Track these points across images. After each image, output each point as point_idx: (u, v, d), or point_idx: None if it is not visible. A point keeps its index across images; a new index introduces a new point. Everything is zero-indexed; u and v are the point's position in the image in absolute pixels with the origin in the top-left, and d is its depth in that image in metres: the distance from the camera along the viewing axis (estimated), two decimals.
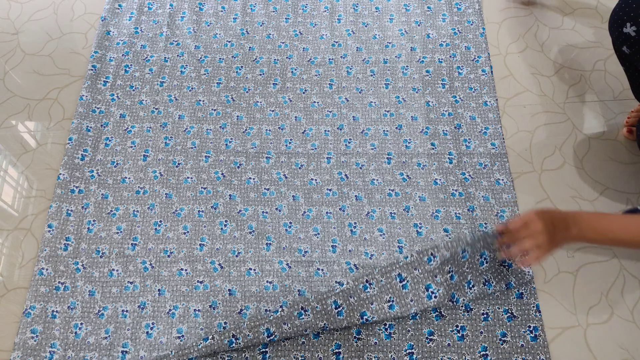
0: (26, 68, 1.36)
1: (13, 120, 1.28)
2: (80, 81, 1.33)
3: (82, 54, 1.38)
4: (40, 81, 1.34)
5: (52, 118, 1.28)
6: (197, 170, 1.20)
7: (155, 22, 1.41)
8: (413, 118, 1.26)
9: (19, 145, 1.25)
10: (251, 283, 1.07)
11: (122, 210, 1.15)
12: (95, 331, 1.02)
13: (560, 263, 1.09)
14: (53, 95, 1.31)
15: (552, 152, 1.22)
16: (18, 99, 1.31)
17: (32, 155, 1.23)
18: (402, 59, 1.35)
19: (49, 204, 1.15)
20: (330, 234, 1.12)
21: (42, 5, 1.47)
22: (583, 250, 1.10)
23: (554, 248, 0.83)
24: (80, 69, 1.35)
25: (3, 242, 1.13)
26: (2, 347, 1.02)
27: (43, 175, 1.20)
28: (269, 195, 1.17)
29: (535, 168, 1.20)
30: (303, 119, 1.27)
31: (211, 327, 1.02)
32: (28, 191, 1.19)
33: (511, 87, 1.31)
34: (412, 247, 1.10)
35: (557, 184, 1.18)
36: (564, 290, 1.06)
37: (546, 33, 1.40)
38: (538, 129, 1.25)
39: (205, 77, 1.33)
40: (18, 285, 1.08)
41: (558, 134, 1.25)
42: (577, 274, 1.08)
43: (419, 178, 1.18)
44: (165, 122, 1.26)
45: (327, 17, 1.42)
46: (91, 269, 1.08)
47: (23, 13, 1.46)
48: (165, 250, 1.10)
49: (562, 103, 1.28)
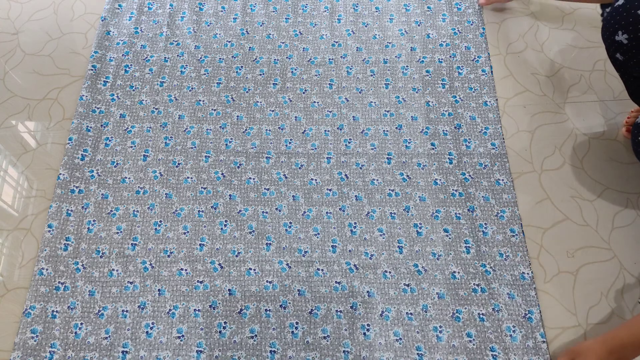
0: (26, 68, 1.36)
1: (13, 120, 1.28)
2: (80, 81, 1.33)
3: (82, 54, 1.38)
4: (40, 81, 1.34)
5: (52, 118, 1.28)
6: (197, 170, 1.20)
7: (155, 22, 1.41)
8: (413, 118, 1.26)
9: (19, 145, 1.25)
10: (251, 283, 1.07)
11: (122, 210, 1.14)
12: (95, 331, 1.02)
13: (560, 263, 1.09)
14: (53, 95, 1.31)
15: (552, 152, 1.22)
16: (18, 99, 1.31)
17: (32, 155, 1.23)
18: (402, 59, 1.35)
19: (49, 204, 1.15)
20: (330, 234, 1.12)
21: (42, 5, 1.47)
22: (583, 250, 1.10)
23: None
24: (80, 69, 1.35)
25: (3, 242, 1.13)
26: (2, 347, 1.02)
27: (43, 175, 1.20)
28: (269, 195, 1.17)
29: (535, 168, 1.20)
30: (303, 119, 1.27)
31: (211, 327, 1.02)
32: (28, 191, 1.19)
33: (511, 87, 1.31)
34: (412, 247, 1.10)
35: (557, 184, 1.18)
36: (564, 290, 1.06)
37: (546, 33, 1.40)
38: (538, 129, 1.25)
39: (205, 77, 1.33)
40: (18, 285, 1.08)
41: (558, 134, 1.25)
42: (577, 274, 1.08)
43: (419, 178, 1.18)
44: (165, 122, 1.26)
45: (327, 17, 1.42)
46: (91, 269, 1.08)
47: (23, 13, 1.46)
48: (165, 250, 1.10)
49: (562, 103, 1.28)
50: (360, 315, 1.04)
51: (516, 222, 1.12)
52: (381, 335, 1.02)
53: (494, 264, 1.08)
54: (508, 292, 1.05)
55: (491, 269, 1.08)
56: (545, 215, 1.14)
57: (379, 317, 1.03)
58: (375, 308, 1.04)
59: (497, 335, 1.01)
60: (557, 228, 1.13)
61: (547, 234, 1.12)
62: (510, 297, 1.05)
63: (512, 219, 1.13)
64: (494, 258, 1.09)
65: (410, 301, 1.05)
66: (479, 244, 1.10)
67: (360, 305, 1.04)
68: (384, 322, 1.03)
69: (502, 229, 1.12)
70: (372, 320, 1.03)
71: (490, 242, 1.10)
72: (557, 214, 1.15)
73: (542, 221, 1.14)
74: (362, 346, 1.01)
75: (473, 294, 1.05)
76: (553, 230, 1.13)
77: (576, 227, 1.13)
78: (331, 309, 1.04)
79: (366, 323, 1.03)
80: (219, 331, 1.02)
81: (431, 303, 1.05)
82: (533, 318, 1.03)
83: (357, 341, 1.01)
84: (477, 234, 1.11)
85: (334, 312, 1.04)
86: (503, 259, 1.08)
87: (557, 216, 1.14)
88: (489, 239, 1.11)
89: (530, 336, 1.01)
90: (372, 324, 1.03)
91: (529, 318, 1.03)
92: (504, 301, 1.04)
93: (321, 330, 1.02)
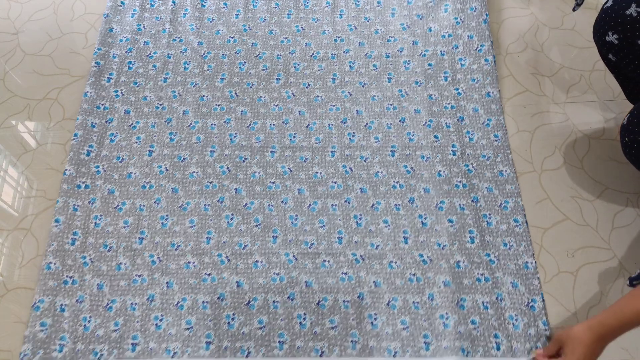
0: (26, 68, 1.36)
1: (13, 120, 1.28)
2: (80, 81, 1.33)
3: (82, 54, 1.38)
4: (40, 81, 1.34)
5: (52, 118, 1.28)
6: (202, 165, 1.20)
7: (157, 19, 1.42)
8: (416, 111, 1.27)
9: (19, 145, 1.25)
10: (258, 275, 1.08)
11: (129, 205, 1.15)
12: (104, 324, 1.03)
13: (560, 263, 1.10)
14: (53, 95, 1.31)
15: (552, 152, 1.23)
16: (18, 99, 1.31)
17: (32, 155, 1.23)
18: (404, 53, 1.36)
19: (49, 204, 1.16)
20: (335, 226, 1.13)
21: (42, 5, 1.47)
22: (583, 250, 1.11)
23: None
24: (80, 69, 1.35)
25: (3, 242, 1.13)
26: (2, 347, 1.02)
27: (43, 175, 1.20)
28: (275, 188, 1.18)
29: (535, 168, 1.21)
30: (307, 113, 1.28)
31: (219, 319, 1.03)
32: (28, 191, 1.19)
33: (511, 87, 1.32)
34: (417, 237, 1.12)
35: (557, 184, 1.19)
36: (564, 290, 1.07)
37: (546, 33, 1.41)
38: (538, 129, 1.26)
39: (208, 73, 1.33)
40: (18, 285, 1.08)
41: (558, 134, 1.25)
42: (577, 274, 1.09)
43: (423, 170, 1.20)
44: (170, 117, 1.27)
45: (329, 12, 1.43)
46: (99, 263, 1.09)
47: (23, 13, 1.46)
48: (173, 244, 1.11)
49: (562, 103, 1.29)
50: (367, 305, 1.05)
51: (519, 212, 1.14)
52: (388, 324, 1.03)
53: (498, 254, 1.09)
54: (512, 281, 1.07)
55: (495, 258, 1.09)
56: (545, 215, 1.15)
57: (386, 306, 1.04)
58: (382, 297, 1.05)
59: (500, 323, 1.02)
60: (557, 228, 1.14)
61: (547, 234, 1.13)
62: (513, 286, 1.06)
63: (515, 209, 1.14)
64: (498, 248, 1.10)
65: (416, 290, 1.06)
66: (483, 234, 1.12)
67: (367, 295, 1.05)
68: (390, 311, 1.04)
69: (505, 219, 1.13)
70: (379, 310, 1.04)
71: (494, 232, 1.12)
72: (557, 214, 1.15)
73: (542, 221, 1.14)
74: (369, 335, 1.02)
75: (477, 283, 1.06)
76: (553, 230, 1.13)
77: (576, 227, 1.14)
78: (338, 300, 1.05)
79: (373, 312, 1.04)
80: (227, 322, 1.03)
81: (437, 291, 1.06)
82: (536, 307, 1.04)
83: (365, 331, 1.02)
84: (481, 224, 1.13)
85: (341, 303, 1.05)
86: (507, 249, 1.10)
87: (557, 216, 1.15)
88: (493, 229, 1.12)
89: (533, 324, 1.02)
90: (379, 313, 1.04)
91: (531, 307, 1.04)
92: (507, 290, 1.06)
93: (329, 320, 1.03)
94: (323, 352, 1.00)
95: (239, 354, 1.00)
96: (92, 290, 1.06)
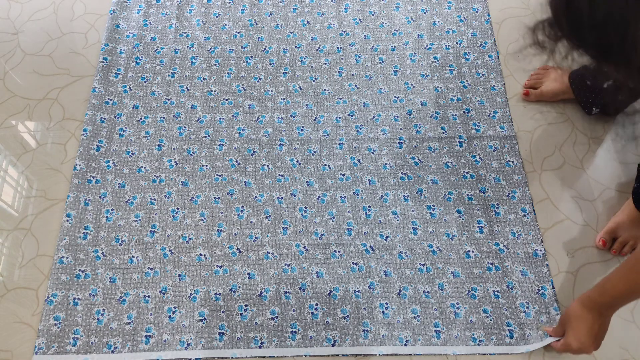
0: (26, 68, 1.36)
1: (13, 120, 1.28)
2: (80, 81, 1.33)
3: (82, 54, 1.38)
4: (40, 81, 1.34)
5: (52, 118, 1.28)
6: (211, 159, 1.21)
7: (163, 15, 1.42)
8: (422, 103, 1.28)
9: (19, 145, 1.25)
10: (270, 266, 1.09)
11: (140, 199, 1.16)
12: (117, 317, 1.04)
13: (560, 263, 1.10)
14: (53, 95, 1.31)
15: (552, 152, 1.23)
16: (18, 99, 1.31)
17: (32, 155, 1.23)
18: (409, 46, 1.37)
19: (49, 204, 1.16)
20: (345, 217, 1.14)
21: (42, 5, 1.47)
22: (583, 250, 1.11)
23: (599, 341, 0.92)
24: (80, 68, 1.35)
25: (3, 242, 1.13)
26: (2, 347, 1.03)
27: (43, 175, 1.21)
28: (284, 181, 1.19)
29: (535, 168, 1.21)
30: (314, 106, 1.28)
31: (232, 310, 1.04)
32: (28, 191, 1.19)
33: (511, 87, 1.32)
34: (426, 228, 1.13)
35: (557, 184, 1.19)
36: (564, 290, 1.07)
37: None
38: (538, 129, 1.26)
39: (215, 67, 1.34)
40: (18, 285, 1.08)
41: (558, 134, 1.25)
42: (577, 274, 1.09)
43: (431, 161, 1.21)
44: (178, 112, 1.27)
45: (334, 6, 1.44)
46: (111, 257, 1.10)
47: (23, 13, 1.46)
48: (184, 237, 1.12)
49: (562, 103, 1.29)
50: (378, 294, 1.06)
51: (527, 201, 1.15)
52: (399, 313, 1.04)
53: (507, 243, 1.10)
54: (521, 269, 1.08)
55: (504, 247, 1.10)
56: (545, 215, 1.15)
57: (397, 295, 1.05)
58: (393, 287, 1.06)
59: (512, 312, 1.04)
60: (557, 228, 1.14)
61: (547, 234, 1.13)
62: (523, 275, 1.07)
63: (523, 198, 1.15)
64: (506, 237, 1.11)
65: (426, 280, 1.07)
66: (492, 223, 1.13)
67: (378, 285, 1.06)
68: (401, 301, 1.05)
69: (513, 208, 1.14)
70: (390, 299, 1.05)
71: (502, 222, 1.13)
72: (557, 214, 1.15)
73: (542, 221, 1.14)
74: (381, 324, 1.03)
75: (487, 272, 1.08)
76: (553, 230, 1.13)
77: (576, 227, 1.14)
78: (349, 290, 1.06)
79: (384, 302, 1.05)
80: (240, 313, 1.04)
81: (447, 282, 1.07)
82: (546, 294, 1.05)
83: (376, 320, 1.03)
84: (490, 214, 1.14)
85: (352, 292, 1.06)
86: (515, 238, 1.11)
87: (557, 216, 1.15)
88: (501, 219, 1.13)
89: (544, 311, 1.03)
90: (390, 303, 1.05)
91: (542, 294, 1.05)
92: (517, 278, 1.07)
93: (340, 310, 1.04)
94: (335, 342, 1.01)
95: (252, 345, 1.01)
96: (105, 284, 1.07)
